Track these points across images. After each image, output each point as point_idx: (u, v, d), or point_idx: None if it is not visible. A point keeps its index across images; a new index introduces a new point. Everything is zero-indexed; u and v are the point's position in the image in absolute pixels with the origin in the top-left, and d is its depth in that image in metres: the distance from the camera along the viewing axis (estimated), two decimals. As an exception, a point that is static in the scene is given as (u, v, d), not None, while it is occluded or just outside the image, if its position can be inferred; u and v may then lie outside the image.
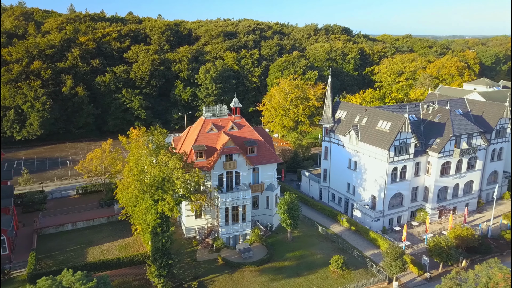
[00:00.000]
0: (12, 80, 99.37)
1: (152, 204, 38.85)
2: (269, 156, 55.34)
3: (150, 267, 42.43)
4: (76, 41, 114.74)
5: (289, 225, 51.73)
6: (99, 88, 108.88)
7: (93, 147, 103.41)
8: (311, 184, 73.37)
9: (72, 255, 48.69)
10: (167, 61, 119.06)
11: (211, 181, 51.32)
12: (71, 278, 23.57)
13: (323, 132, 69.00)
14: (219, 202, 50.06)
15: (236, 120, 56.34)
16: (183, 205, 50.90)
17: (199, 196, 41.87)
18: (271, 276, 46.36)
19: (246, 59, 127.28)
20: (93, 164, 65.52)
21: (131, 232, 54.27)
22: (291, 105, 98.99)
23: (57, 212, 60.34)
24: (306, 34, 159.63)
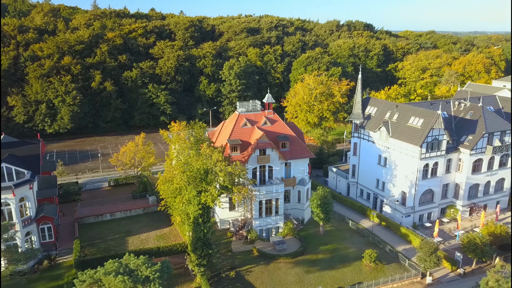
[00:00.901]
0: (44, 75, 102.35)
1: (195, 195, 40.17)
2: (301, 151, 56.16)
3: (189, 256, 43.86)
4: (104, 37, 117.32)
5: (321, 219, 52.56)
6: (126, 83, 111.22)
7: (121, 141, 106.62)
8: (338, 180, 73.90)
9: (113, 243, 50.62)
10: (192, 57, 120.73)
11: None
12: (137, 261, 25.01)
13: (352, 128, 69.40)
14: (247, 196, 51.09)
15: (269, 115, 57.30)
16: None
17: (241, 188, 43.09)
18: (305, 268, 47.36)
19: (269, 55, 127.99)
20: (127, 157, 67.46)
21: (167, 223, 56.28)
22: (316, 101, 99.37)
23: (94, 203, 62.53)
24: (329, 30, 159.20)
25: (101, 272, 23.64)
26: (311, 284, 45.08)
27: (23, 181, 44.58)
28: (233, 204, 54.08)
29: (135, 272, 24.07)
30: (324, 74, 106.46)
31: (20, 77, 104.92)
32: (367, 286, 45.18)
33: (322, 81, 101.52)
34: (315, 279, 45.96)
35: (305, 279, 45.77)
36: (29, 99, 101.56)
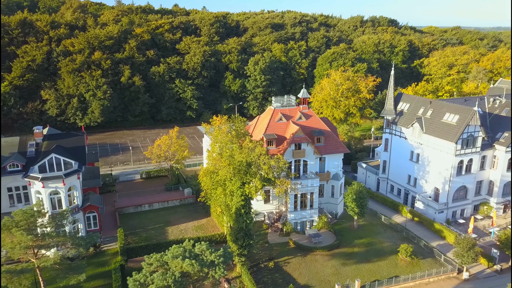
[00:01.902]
0: (75, 69, 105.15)
1: (239, 187, 41.37)
2: (336, 146, 56.79)
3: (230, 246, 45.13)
4: (132, 33, 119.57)
5: (356, 213, 53.21)
6: (153, 78, 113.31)
7: (148, 134, 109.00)
8: (368, 176, 74.21)
9: (154, 233, 52.40)
10: (218, 53, 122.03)
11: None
12: (202, 247, 26.31)
13: (384, 124, 69.54)
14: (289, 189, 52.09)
15: (303, 110, 58.04)
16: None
17: (283, 180, 44.11)
18: (341, 260, 48.18)
19: (293, 51, 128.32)
20: (162, 150, 69.22)
21: (203, 214, 57.83)
22: (342, 97, 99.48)
23: (131, 194, 64.50)
24: (352, 26, 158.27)
25: (169, 256, 24.96)
26: (348, 276, 45.87)
27: (72, 171, 46.54)
28: (267, 197, 55.20)
29: (200, 256, 25.32)
30: (351, 70, 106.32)
31: (53, 72, 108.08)
32: (403, 279, 45.71)
33: (348, 77, 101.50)
34: (352, 271, 46.73)
35: (342, 271, 46.61)
36: (62, 93, 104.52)
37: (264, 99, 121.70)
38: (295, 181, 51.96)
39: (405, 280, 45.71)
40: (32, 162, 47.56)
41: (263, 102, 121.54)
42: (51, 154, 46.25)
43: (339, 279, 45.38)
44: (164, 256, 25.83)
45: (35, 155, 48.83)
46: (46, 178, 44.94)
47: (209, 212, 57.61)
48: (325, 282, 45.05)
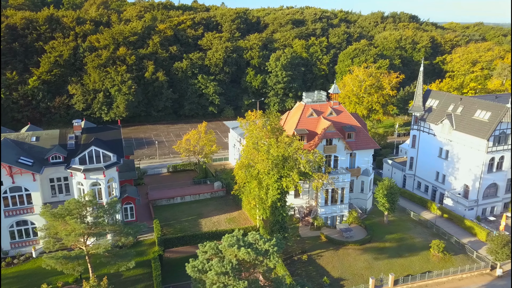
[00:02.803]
0: (101, 65, 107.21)
1: (276, 180, 42.15)
2: (366, 142, 57.10)
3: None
4: (155, 29, 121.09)
5: (387, 208, 53.56)
6: (176, 74, 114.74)
7: (172, 129, 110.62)
8: (394, 172, 74.25)
9: (188, 224, 53.65)
10: (239, 49, 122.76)
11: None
12: (255, 236, 27.21)
13: (412, 121, 69.43)
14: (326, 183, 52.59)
15: (334, 106, 58.43)
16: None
17: (321, 175, 44.77)
18: (374, 255, 48.67)
19: (314, 47, 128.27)
20: (191, 144, 70.44)
21: (234, 207, 58.90)
22: (365, 93, 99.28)
23: (161, 187, 65.92)
24: (373, 22, 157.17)
25: (224, 244, 25.90)
26: (380, 270, 46.38)
27: (112, 164, 47.97)
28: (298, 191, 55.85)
29: (253, 245, 26.21)
30: (373, 66, 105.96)
31: (79, 67, 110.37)
32: (436, 275, 46.00)
33: (371, 73, 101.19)
34: (384, 266, 47.21)
35: (374, 266, 47.13)
36: (88, 88, 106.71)
37: (284, 95, 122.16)
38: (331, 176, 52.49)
39: (438, 276, 46.00)
40: (72, 154, 49.19)
41: (283, 98, 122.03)
42: (91, 147, 47.75)
43: (372, 273, 45.92)
44: (219, 245, 26.77)
45: (75, 148, 50.41)
46: (88, 170, 46.47)
47: (240, 205, 58.60)
48: (358, 276, 45.65)
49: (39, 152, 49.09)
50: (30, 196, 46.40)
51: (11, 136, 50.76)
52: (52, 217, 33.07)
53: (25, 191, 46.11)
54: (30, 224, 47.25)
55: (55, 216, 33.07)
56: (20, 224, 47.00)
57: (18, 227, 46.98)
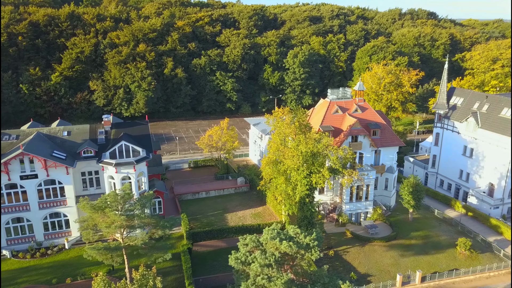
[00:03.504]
0: (121, 61, 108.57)
1: (305, 176, 42.58)
2: (391, 139, 57.12)
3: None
4: (174, 26, 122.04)
5: (412, 206, 53.61)
6: (195, 71, 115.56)
7: (190, 125, 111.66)
8: (415, 170, 74.03)
9: (214, 219, 54.46)
10: (257, 45, 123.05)
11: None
12: (296, 230, 27.75)
13: (435, 118, 69.11)
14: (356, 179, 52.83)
15: (359, 103, 58.52)
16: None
17: (351, 171, 45.08)
18: (400, 252, 48.85)
19: (332, 44, 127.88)
20: (213, 140, 71.21)
21: (259, 202, 59.56)
22: (384, 91, 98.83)
23: (185, 182, 66.86)
24: (391, 19, 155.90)
25: (266, 237, 26.47)
26: (407, 267, 46.56)
27: (142, 158, 48.92)
28: (322, 188, 56.20)
29: (294, 239, 26.74)
30: (394, 63, 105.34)
31: (100, 63, 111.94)
32: (464, 273, 45.98)
33: (390, 70, 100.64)
34: (411, 262, 47.37)
35: (400, 262, 47.32)
36: (108, 84, 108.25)
37: (302, 92, 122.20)
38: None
39: (465, 273, 45.95)
40: (103, 149, 50.30)
41: (301, 95, 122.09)
42: (121, 142, 48.73)
43: (399, 269, 46.12)
44: (260, 238, 27.35)
45: (105, 142, 51.51)
46: (119, 164, 47.49)
47: (264, 200, 59.21)
48: (385, 272, 45.90)
49: (70, 146, 50.28)
50: (63, 189, 47.62)
51: (43, 130, 52.05)
52: (92, 210, 34.05)
53: (58, 184, 47.33)
54: (63, 216, 48.53)
55: (94, 209, 34.04)
56: (53, 216, 48.28)
57: (51, 219, 48.27)
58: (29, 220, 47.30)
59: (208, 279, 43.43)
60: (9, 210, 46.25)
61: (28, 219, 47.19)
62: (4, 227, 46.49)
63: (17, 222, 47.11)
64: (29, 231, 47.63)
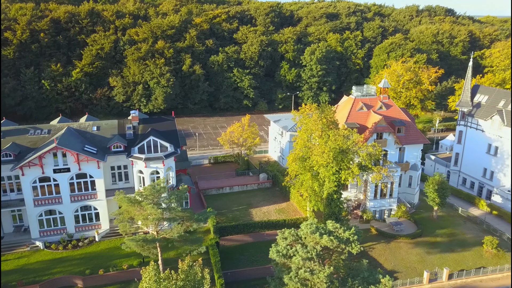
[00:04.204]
0: (140, 58, 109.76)
1: (334, 173, 42.89)
2: (416, 137, 57.03)
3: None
4: (192, 23, 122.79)
5: (437, 203, 53.57)
6: (212, 67, 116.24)
7: (208, 122, 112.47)
8: (436, 168, 73.74)
9: (239, 214, 55.12)
10: (274, 42, 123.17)
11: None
12: (335, 224, 28.18)
13: (458, 116, 68.69)
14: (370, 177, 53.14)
15: (384, 100, 58.50)
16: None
17: (380, 167, 45.30)
18: (425, 249, 48.96)
19: (349, 41, 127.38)
20: (235, 136, 71.81)
21: (282, 198, 60.09)
22: (403, 88, 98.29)
23: (208, 177, 67.65)
24: (408, 16, 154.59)
25: (306, 231, 26.95)
26: (433, 264, 46.67)
27: (170, 153, 49.73)
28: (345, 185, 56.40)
29: (333, 233, 27.17)
30: (413, 61, 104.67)
31: (119, 60, 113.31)
32: (491, 271, 45.91)
33: (409, 67, 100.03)
34: (437, 260, 47.45)
35: (427, 259, 47.44)
36: (128, 80, 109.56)
37: (319, 89, 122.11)
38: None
39: (493, 271, 45.90)
40: (131, 144, 51.26)
41: (317, 92, 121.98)
42: (150, 137, 49.59)
43: (425, 266, 46.27)
44: (300, 232, 27.85)
45: (133, 137, 52.46)
46: (149, 159, 48.36)
47: (287, 196, 59.67)
48: (411, 269, 46.08)
49: (100, 141, 51.31)
50: (94, 182, 48.65)
51: (73, 125, 53.20)
52: (129, 203, 34.88)
53: (89, 178, 48.38)
54: (93, 209, 49.65)
55: (131, 202, 34.87)
56: (84, 209, 49.42)
57: (82, 212, 49.43)
58: (61, 213, 48.48)
59: (236, 273, 44.13)
60: (42, 202, 47.47)
61: (60, 211, 48.37)
62: (37, 218, 47.75)
63: (49, 214, 48.32)
64: (61, 223, 48.83)
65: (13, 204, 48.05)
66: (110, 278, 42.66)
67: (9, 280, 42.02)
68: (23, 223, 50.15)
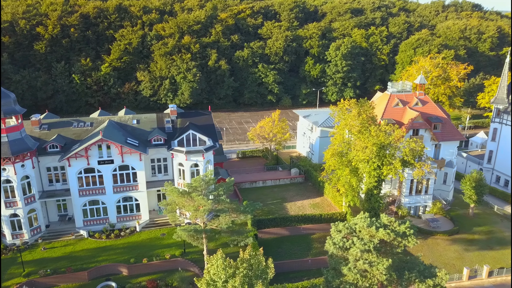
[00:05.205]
0: (167, 53, 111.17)
1: (375, 168, 43.15)
2: (452, 134, 56.69)
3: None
4: (217, 18, 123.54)
5: (474, 201, 53.27)
6: (237, 63, 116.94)
7: (233, 117, 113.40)
8: (468, 165, 73.03)
9: (274, 207, 55.87)
10: (298, 38, 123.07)
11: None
12: (390, 218, 28.64)
13: (493, 113, 67.83)
14: (406, 174, 53.17)
15: (420, 96, 58.24)
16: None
17: (422, 163, 45.38)
18: (463, 246, 48.85)
19: (374, 37, 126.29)
20: (265, 131, 72.45)
21: (315, 193, 60.62)
22: (431, 85, 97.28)
23: (241, 171, 68.57)
24: (434, 11, 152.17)
25: (362, 225, 27.46)
26: (472, 261, 46.55)
27: (210, 147, 50.69)
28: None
29: (388, 227, 27.63)
30: (441, 57, 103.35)
31: (146, 55, 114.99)
32: (532, 269, 45.56)
33: (438, 64, 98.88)
34: (475, 257, 47.32)
35: (465, 256, 47.35)
36: (155, 75, 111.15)
37: (343, 85, 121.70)
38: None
39: (533, 270, 45.54)
40: (170, 137, 52.41)
41: (342, 87, 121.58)
42: (189, 131, 50.56)
43: (464, 263, 46.18)
44: (354, 225, 28.36)
45: (172, 131, 53.60)
46: (190, 152, 49.42)
47: (321, 191, 60.12)
48: (450, 265, 46.07)
49: (140, 134, 52.62)
50: (135, 174, 49.96)
51: (114, 118, 54.62)
52: (179, 194, 35.90)
53: (131, 170, 49.71)
54: (134, 200, 51.02)
55: (181, 193, 35.88)
56: (125, 200, 50.84)
57: (124, 203, 50.87)
58: (104, 203, 50.01)
59: (275, 265, 44.49)
60: (87, 193, 49.06)
61: (103, 202, 49.90)
62: (81, 208, 49.39)
63: (93, 204, 49.88)
64: (103, 213, 50.37)
65: (59, 194, 49.81)
66: (153, 267, 43.94)
67: (58, 266, 43.71)
68: (67, 212, 51.90)
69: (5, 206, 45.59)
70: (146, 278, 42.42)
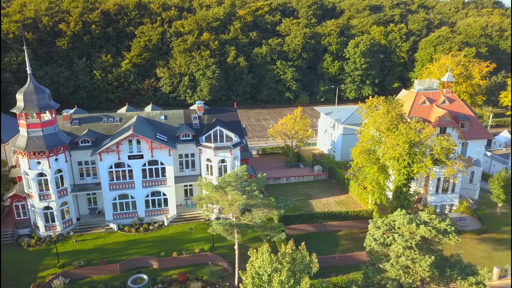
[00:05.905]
0: (186, 49, 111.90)
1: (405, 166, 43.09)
2: (480, 132, 56.14)
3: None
4: (235, 15, 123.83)
5: (502, 200, 52.76)
6: (256, 60, 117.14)
7: (250, 114, 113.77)
8: (493, 164, 72.15)
9: (299, 204, 56.15)
10: (317, 35, 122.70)
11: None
12: (431, 216, 28.72)
13: (520, 112, 66.87)
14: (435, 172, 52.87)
15: (447, 94, 57.78)
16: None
17: (454, 161, 45.19)
18: (492, 245, 48.50)
19: (393, 34, 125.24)
20: (287, 128, 72.66)
21: (340, 191, 60.73)
22: (452, 82, 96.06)
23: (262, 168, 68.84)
24: (454, 8, 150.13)
25: (403, 221, 27.61)
26: (501, 261, 46.20)
27: (237, 143, 51.20)
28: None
29: (429, 224, 27.73)
30: (463, 54, 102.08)
31: (166, 51, 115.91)
32: None
33: (459, 61, 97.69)
34: (505, 257, 46.92)
35: (494, 256, 47.03)
36: (174, 72, 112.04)
37: (361, 82, 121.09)
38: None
39: None
40: (198, 133, 53.02)
41: (360, 85, 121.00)
42: (216, 127, 51.17)
43: (493, 263, 45.86)
44: (394, 222, 28.50)
45: (200, 127, 54.19)
46: (218, 148, 50.00)
47: (345, 189, 60.19)
48: (478, 265, 45.34)
49: (168, 130, 53.33)
50: (164, 169, 50.68)
51: (142, 114, 55.43)
52: (213, 189, 36.43)
53: (160, 165, 50.44)
54: (162, 195, 51.78)
55: (216, 188, 36.40)
56: (154, 194, 51.65)
57: (152, 197, 51.68)
58: (133, 197, 50.88)
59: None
60: (117, 187, 49.98)
61: (132, 196, 50.78)
62: (111, 202, 50.35)
63: (122, 198, 50.79)
64: (132, 207, 51.27)
65: (90, 187, 50.86)
66: (183, 261, 44.65)
67: (91, 258, 44.71)
68: (97, 206, 52.96)
69: (39, 198, 46.74)
70: (176, 271, 43.15)
